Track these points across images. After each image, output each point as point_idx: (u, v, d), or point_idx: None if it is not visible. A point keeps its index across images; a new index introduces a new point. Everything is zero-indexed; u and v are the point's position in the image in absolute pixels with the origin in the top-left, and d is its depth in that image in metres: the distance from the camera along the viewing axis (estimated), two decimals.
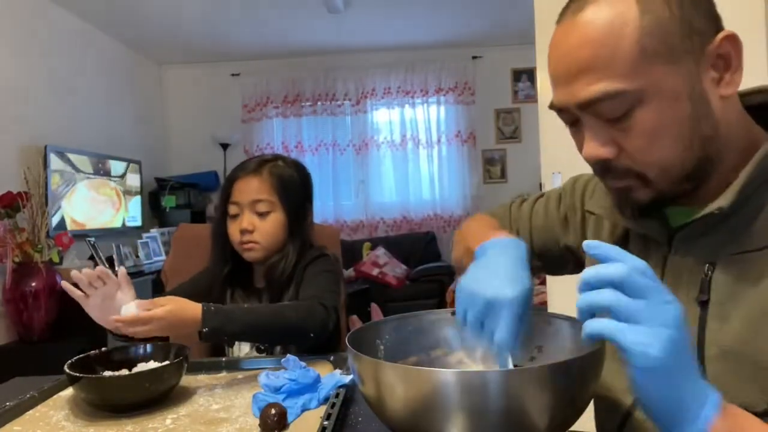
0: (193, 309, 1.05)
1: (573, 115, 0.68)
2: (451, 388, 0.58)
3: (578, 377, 0.61)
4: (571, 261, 0.93)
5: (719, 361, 0.64)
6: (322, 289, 1.26)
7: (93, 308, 1.13)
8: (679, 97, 0.62)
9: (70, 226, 3.53)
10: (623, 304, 0.52)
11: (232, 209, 1.35)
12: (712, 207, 0.64)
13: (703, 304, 0.66)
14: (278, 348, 1.31)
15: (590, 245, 0.55)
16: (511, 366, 0.69)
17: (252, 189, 1.33)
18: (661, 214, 0.73)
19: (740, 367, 0.63)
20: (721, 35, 0.63)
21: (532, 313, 0.74)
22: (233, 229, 1.34)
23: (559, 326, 0.78)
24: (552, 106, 0.70)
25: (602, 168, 0.68)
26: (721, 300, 0.65)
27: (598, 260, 0.55)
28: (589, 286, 0.54)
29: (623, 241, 0.79)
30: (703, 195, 0.67)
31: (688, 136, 0.63)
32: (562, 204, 0.94)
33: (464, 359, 0.82)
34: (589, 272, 0.54)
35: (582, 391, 0.62)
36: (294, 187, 1.38)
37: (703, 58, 0.63)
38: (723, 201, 0.64)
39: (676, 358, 0.52)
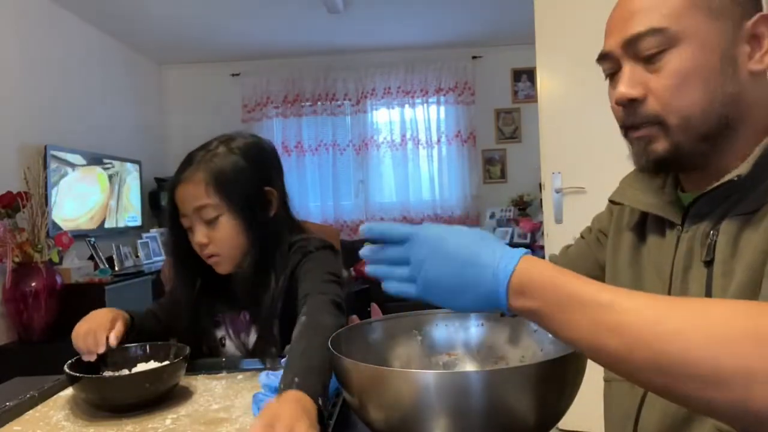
0: (307, 405, 0.76)
1: (614, 64, 0.74)
2: (433, 390, 0.57)
3: (560, 376, 0.61)
4: None
5: None
6: (327, 284, 1.13)
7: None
8: (712, 50, 0.68)
9: (69, 226, 3.53)
10: (385, 255, 0.63)
11: (184, 222, 1.17)
12: (731, 175, 0.67)
13: (708, 264, 0.69)
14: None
15: (363, 228, 0.63)
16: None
17: (190, 196, 1.14)
18: (676, 199, 0.78)
19: None
20: (758, 15, 0.69)
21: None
22: (194, 245, 1.17)
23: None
24: (599, 57, 0.76)
25: (627, 113, 0.73)
26: (725, 259, 0.68)
27: (378, 239, 0.64)
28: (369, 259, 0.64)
29: (641, 224, 0.83)
30: (715, 169, 0.71)
31: (712, 89, 0.68)
32: (593, 231, 0.97)
33: (460, 359, 0.82)
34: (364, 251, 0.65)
35: (565, 389, 0.62)
36: (238, 178, 1.16)
37: (740, 29, 0.69)
38: (742, 169, 0.67)
39: (430, 281, 0.60)
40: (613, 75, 0.75)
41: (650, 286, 0.78)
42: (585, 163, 2.49)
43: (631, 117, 0.72)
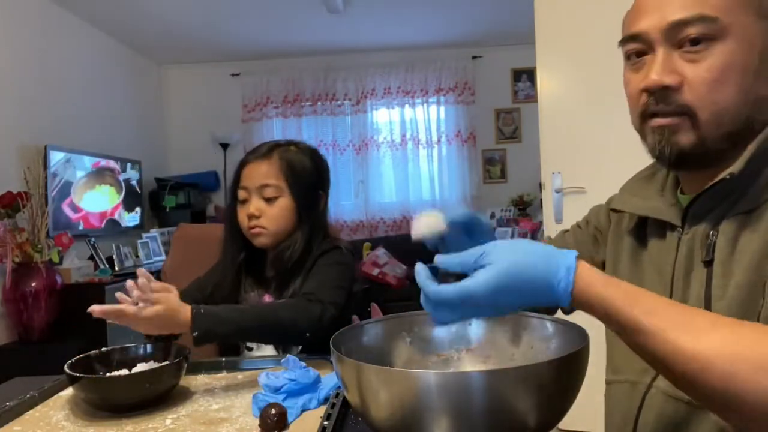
0: (184, 312, 1.03)
1: (646, 45, 0.71)
2: (434, 390, 0.57)
3: (561, 376, 0.61)
4: None
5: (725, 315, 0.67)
6: (323, 284, 1.23)
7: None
8: (754, 48, 0.67)
9: (69, 226, 3.53)
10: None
11: (241, 194, 1.34)
12: (725, 173, 0.67)
13: (708, 264, 0.70)
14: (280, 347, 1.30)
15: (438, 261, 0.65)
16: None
17: (260, 174, 1.32)
18: (676, 202, 0.77)
19: (744, 317, 0.65)
20: None
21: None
22: (242, 215, 1.33)
23: (546, 326, 0.78)
24: (628, 36, 0.73)
25: (658, 99, 0.69)
26: (724, 259, 0.68)
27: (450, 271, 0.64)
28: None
29: (641, 228, 0.83)
30: (721, 170, 0.70)
31: (747, 88, 0.67)
32: (590, 226, 0.96)
33: (459, 359, 0.82)
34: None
35: (566, 390, 0.62)
36: (304, 173, 1.35)
37: None
38: (735, 167, 0.67)
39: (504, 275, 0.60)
40: (637, 56, 0.72)
41: (651, 289, 0.78)
42: (585, 163, 2.49)
43: (661, 104, 0.69)
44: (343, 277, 1.28)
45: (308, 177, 1.36)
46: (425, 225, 0.78)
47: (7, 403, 0.95)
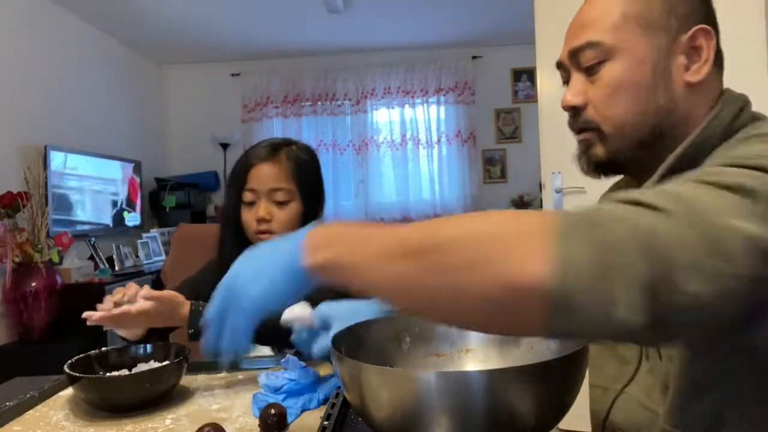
0: (184, 307, 1.05)
1: (566, 72, 0.79)
2: (434, 390, 0.57)
3: (561, 377, 0.61)
4: None
5: None
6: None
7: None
8: (644, 63, 0.71)
9: (69, 226, 3.53)
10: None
11: (248, 196, 1.29)
12: (655, 176, 0.71)
13: None
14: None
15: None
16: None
17: (270, 176, 1.28)
18: None
19: None
20: (696, 27, 0.71)
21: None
22: (249, 217, 1.29)
23: None
24: (556, 65, 0.81)
25: (572, 118, 0.78)
26: None
27: None
28: None
29: None
30: (650, 177, 0.73)
31: (643, 101, 0.72)
32: None
33: (459, 359, 0.82)
34: None
35: (566, 390, 0.62)
36: (310, 174, 1.34)
37: (677, 41, 0.71)
38: (649, 182, 0.71)
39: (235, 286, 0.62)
40: (567, 81, 0.80)
41: None
42: None
43: (575, 123, 0.78)
44: None
45: (313, 178, 1.35)
46: (295, 316, 0.95)
47: (7, 403, 0.95)
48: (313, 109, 5.27)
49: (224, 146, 5.11)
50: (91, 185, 3.87)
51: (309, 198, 1.32)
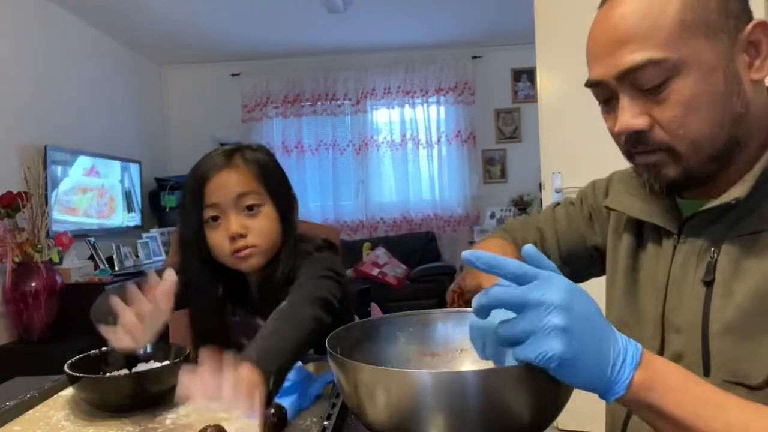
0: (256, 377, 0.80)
1: (608, 90, 0.69)
2: (429, 389, 0.57)
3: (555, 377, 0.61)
4: (598, 262, 0.93)
5: (722, 337, 0.66)
6: (315, 276, 1.07)
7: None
8: (715, 71, 0.65)
9: (69, 226, 3.53)
10: (506, 332, 0.55)
11: (209, 213, 1.09)
12: (729, 197, 0.66)
13: (708, 284, 0.69)
14: None
15: (467, 257, 0.55)
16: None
17: (232, 182, 1.08)
18: (674, 205, 0.76)
19: (743, 341, 0.64)
20: (753, 22, 0.66)
21: None
22: (218, 238, 1.09)
23: None
24: (588, 83, 0.72)
25: (634, 141, 0.69)
26: (726, 279, 0.67)
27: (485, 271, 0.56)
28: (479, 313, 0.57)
29: (638, 231, 0.82)
30: (717, 185, 0.69)
31: (720, 111, 0.65)
32: (585, 205, 0.95)
33: (455, 359, 0.81)
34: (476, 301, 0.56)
35: (560, 390, 0.62)
36: (275, 173, 1.15)
37: (737, 40, 0.66)
38: (739, 192, 0.66)
39: (577, 340, 0.53)
40: (607, 100, 0.72)
41: (645, 297, 0.78)
42: (585, 163, 2.48)
43: (639, 145, 0.69)
44: (337, 267, 1.13)
45: (281, 178, 1.17)
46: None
47: (7, 403, 0.95)
48: (313, 109, 5.28)
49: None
50: (91, 185, 3.87)
51: (280, 200, 1.13)
